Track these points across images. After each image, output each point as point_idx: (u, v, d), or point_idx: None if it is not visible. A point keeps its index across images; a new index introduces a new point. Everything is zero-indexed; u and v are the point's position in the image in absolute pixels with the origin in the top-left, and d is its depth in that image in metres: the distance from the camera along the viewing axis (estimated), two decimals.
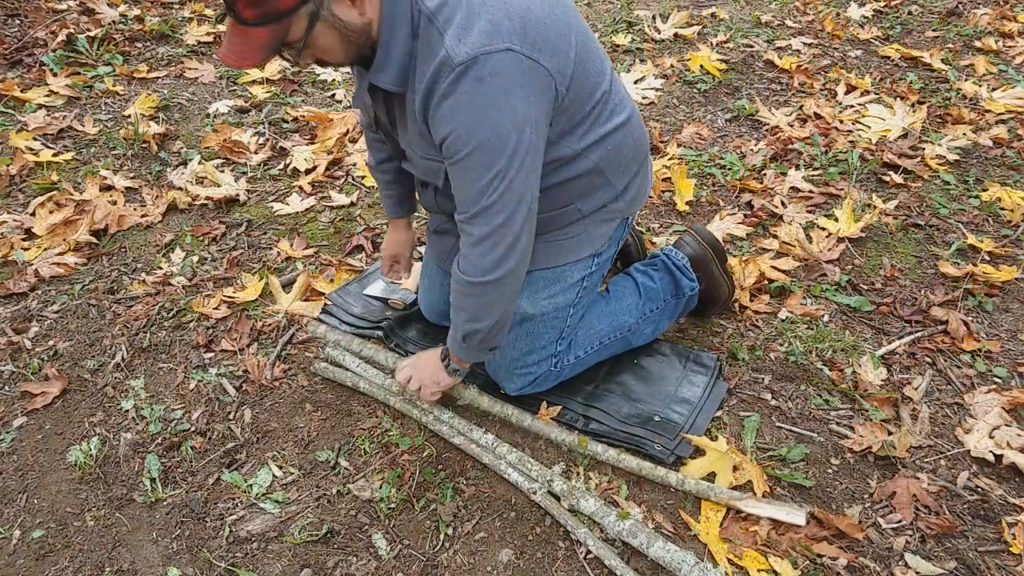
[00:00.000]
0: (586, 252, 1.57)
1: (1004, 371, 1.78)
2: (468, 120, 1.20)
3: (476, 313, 1.40)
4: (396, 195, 1.77)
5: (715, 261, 1.82)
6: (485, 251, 1.32)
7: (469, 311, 1.41)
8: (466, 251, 1.35)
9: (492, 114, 1.19)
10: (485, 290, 1.36)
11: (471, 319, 1.41)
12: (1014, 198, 2.35)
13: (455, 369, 1.55)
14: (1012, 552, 1.39)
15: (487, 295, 1.37)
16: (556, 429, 1.61)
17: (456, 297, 1.42)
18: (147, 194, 2.48)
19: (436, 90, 1.20)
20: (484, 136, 1.21)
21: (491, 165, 1.23)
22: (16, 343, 1.93)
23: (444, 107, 1.20)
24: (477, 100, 1.18)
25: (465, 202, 1.30)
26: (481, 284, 1.35)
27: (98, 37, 3.37)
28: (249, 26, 1.12)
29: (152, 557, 1.44)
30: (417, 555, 1.42)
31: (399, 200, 1.78)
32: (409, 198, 1.80)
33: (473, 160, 1.23)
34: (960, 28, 3.61)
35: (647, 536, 1.37)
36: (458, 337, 1.46)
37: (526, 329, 1.59)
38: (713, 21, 3.81)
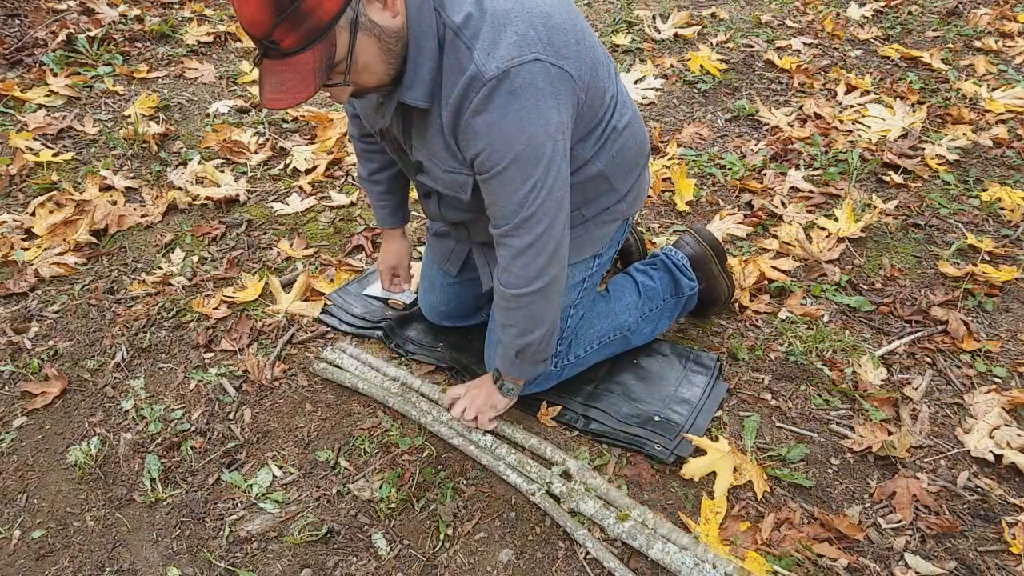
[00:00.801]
0: (587, 254, 1.58)
1: (1004, 371, 1.78)
2: (503, 134, 1.19)
3: (527, 326, 1.40)
4: (390, 205, 1.76)
5: (715, 261, 1.83)
6: (528, 261, 1.31)
7: (519, 325, 1.40)
8: (508, 263, 1.34)
9: (527, 127, 1.18)
10: (532, 300, 1.36)
11: (522, 333, 1.41)
12: (1014, 198, 2.35)
13: (510, 389, 1.55)
14: (1012, 552, 1.39)
15: (534, 305, 1.37)
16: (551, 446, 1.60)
17: (502, 314, 1.41)
18: (147, 194, 2.48)
19: (466, 106, 1.18)
20: (520, 149, 1.20)
21: (528, 176, 1.23)
22: (16, 343, 1.93)
23: (477, 123, 1.19)
24: (511, 114, 1.17)
25: (503, 215, 1.29)
26: (527, 295, 1.35)
27: (98, 37, 3.37)
28: (292, 55, 1.05)
29: (152, 557, 1.44)
30: (417, 555, 1.42)
31: (393, 210, 1.77)
32: (403, 207, 1.79)
33: (510, 173, 1.23)
34: (960, 28, 3.61)
35: (647, 537, 1.37)
36: (510, 355, 1.45)
37: None
38: (713, 21, 3.81)
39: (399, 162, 1.49)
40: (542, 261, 1.32)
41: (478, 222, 1.48)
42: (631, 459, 1.57)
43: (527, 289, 1.34)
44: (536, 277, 1.33)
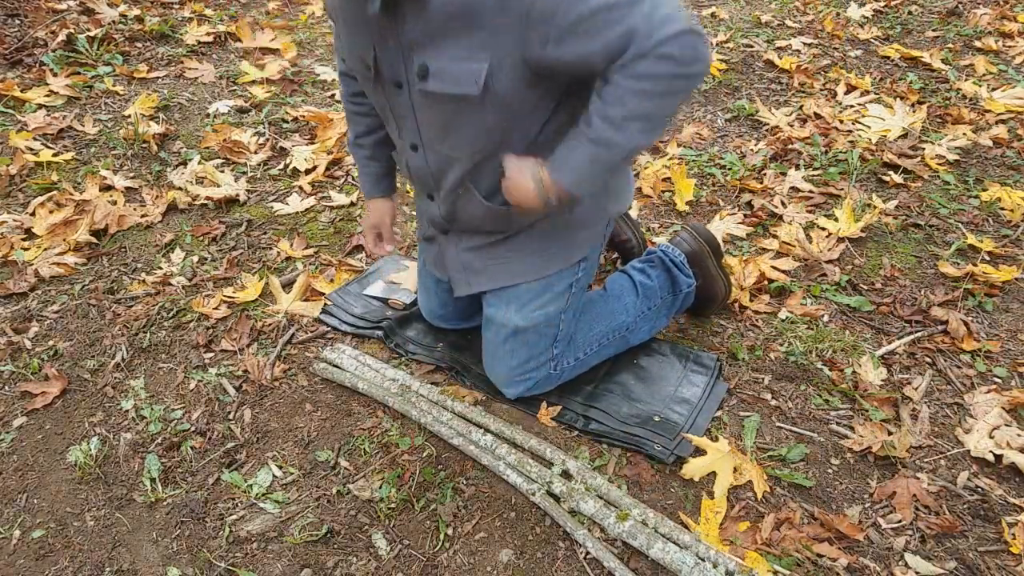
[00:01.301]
0: (575, 258, 1.55)
1: (1004, 371, 1.78)
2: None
3: (657, 121, 1.20)
4: (375, 172, 1.68)
5: (711, 257, 1.82)
6: (683, 39, 1.12)
7: (653, 117, 1.19)
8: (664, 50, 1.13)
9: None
10: (684, 86, 1.17)
11: (648, 129, 1.20)
12: (1014, 198, 2.35)
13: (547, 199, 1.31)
14: (1012, 552, 1.39)
15: (681, 94, 1.19)
16: (550, 446, 1.60)
17: (635, 102, 1.17)
18: (147, 194, 2.48)
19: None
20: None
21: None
22: (16, 343, 1.93)
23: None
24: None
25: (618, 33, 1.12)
26: (685, 77, 1.15)
27: (98, 37, 3.37)
28: None
29: (152, 557, 1.44)
30: (417, 555, 1.42)
31: (378, 177, 1.69)
32: (389, 176, 1.71)
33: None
34: (960, 28, 3.61)
35: (647, 537, 1.37)
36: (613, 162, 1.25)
37: (521, 341, 1.59)
38: (713, 21, 3.81)
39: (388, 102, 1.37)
40: (695, 36, 1.13)
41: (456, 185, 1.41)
42: (631, 459, 1.57)
43: (689, 69, 1.14)
44: (697, 58, 1.14)
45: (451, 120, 1.30)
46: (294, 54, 3.47)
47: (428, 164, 1.43)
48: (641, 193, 2.48)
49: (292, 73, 3.32)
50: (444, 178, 1.43)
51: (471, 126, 1.30)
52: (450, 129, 1.32)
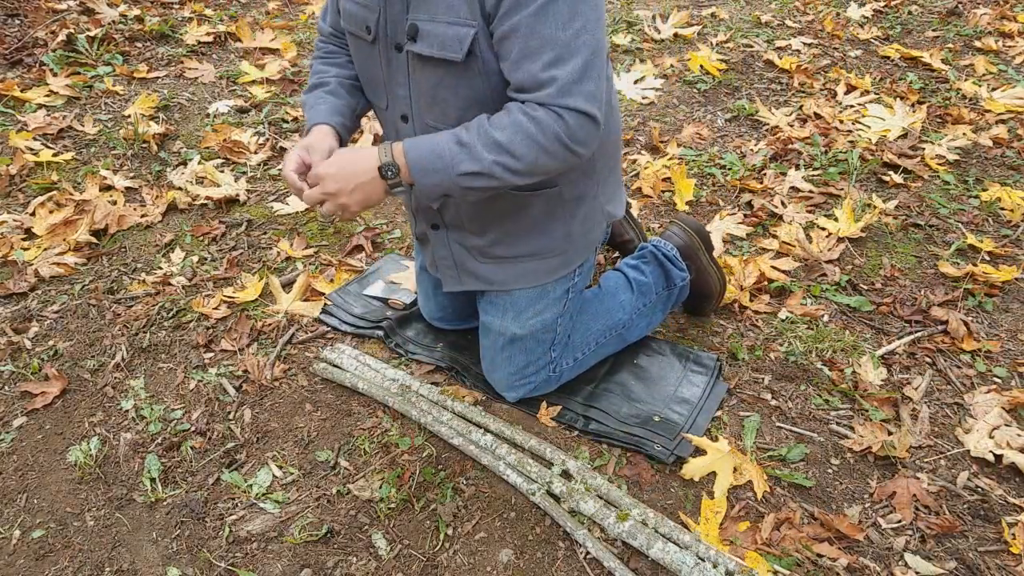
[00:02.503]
0: (572, 265, 1.55)
1: (1004, 371, 1.78)
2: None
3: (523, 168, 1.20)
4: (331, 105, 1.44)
5: (703, 250, 1.81)
6: (581, 120, 1.16)
7: (523, 162, 1.19)
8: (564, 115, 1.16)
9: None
10: (562, 157, 1.20)
11: (512, 170, 1.20)
12: (1014, 198, 2.35)
13: (396, 186, 1.26)
14: (1012, 552, 1.39)
15: (556, 162, 1.21)
16: (551, 447, 1.60)
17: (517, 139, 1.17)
18: (147, 194, 2.48)
19: None
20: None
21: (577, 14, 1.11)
22: (16, 343, 1.93)
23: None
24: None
25: (546, 63, 1.14)
26: (567, 150, 1.19)
27: (98, 37, 3.37)
28: None
29: (152, 557, 1.44)
30: (417, 555, 1.42)
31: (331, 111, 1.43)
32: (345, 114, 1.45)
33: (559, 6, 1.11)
34: (960, 28, 3.61)
35: (647, 537, 1.37)
36: (461, 169, 1.20)
37: (518, 347, 1.59)
38: (713, 21, 3.81)
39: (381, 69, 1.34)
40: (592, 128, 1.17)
41: None
42: (631, 459, 1.57)
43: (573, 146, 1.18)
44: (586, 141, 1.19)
45: (438, 88, 1.28)
46: (294, 54, 3.47)
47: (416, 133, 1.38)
48: (641, 193, 2.48)
49: (292, 73, 3.32)
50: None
51: (456, 96, 1.27)
52: (437, 98, 1.30)
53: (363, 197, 1.26)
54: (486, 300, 1.60)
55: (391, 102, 1.39)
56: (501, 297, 1.56)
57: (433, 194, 1.26)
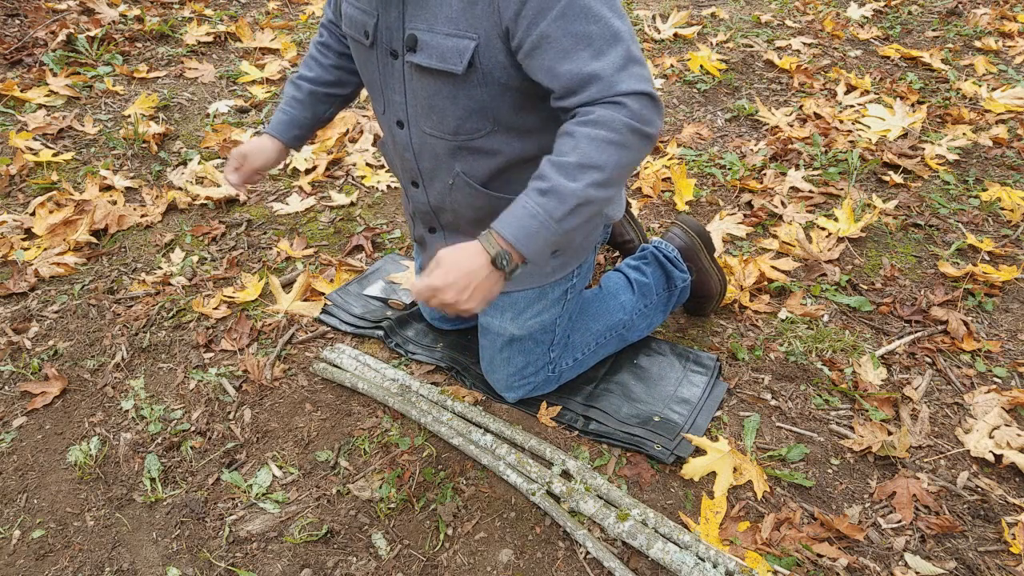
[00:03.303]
0: (571, 266, 1.55)
1: (1004, 371, 1.78)
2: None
3: (613, 174, 1.13)
4: (293, 117, 1.56)
5: (704, 251, 1.81)
6: (643, 100, 1.12)
7: (608, 168, 1.12)
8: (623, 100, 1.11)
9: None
10: (639, 145, 1.13)
11: (603, 182, 1.12)
12: (1014, 198, 2.35)
13: (513, 270, 1.18)
14: (1012, 552, 1.39)
15: (635, 152, 1.13)
16: (551, 446, 1.60)
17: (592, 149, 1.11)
18: (147, 194, 2.48)
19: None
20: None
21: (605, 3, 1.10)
22: (16, 343, 1.93)
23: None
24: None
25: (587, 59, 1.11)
26: (642, 135, 1.12)
27: (98, 37, 3.37)
28: None
29: (152, 557, 1.44)
30: (417, 555, 1.42)
31: (292, 123, 1.56)
32: (304, 129, 1.58)
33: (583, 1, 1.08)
34: (960, 28, 3.61)
35: (647, 537, 1.37)
36: (562, 210, 1.12)
37: (517, 348, 1.59)
38: (713, 21, 3.81)
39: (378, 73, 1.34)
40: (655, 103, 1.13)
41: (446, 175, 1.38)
42: (631, 459, 1.57)
43: (646, 128, 1.12)
44: (654, 119, 1.13)
45: (435, 97, 1.27)
46: (294, 54, 3.46)
47: (412, 143, 1.38)
48: (641, 193, 2.48)
49: (292, 73, 3.32)
50: (426, 160, 1.39)
51: (455, 105, 1.26)
52: (434, 107, 1.29)
53: (484, 294, 1.18)
54: None
55: (387, 107, 1.39)
56: (500, 298, 1.56)
57: (548, 252, 1.19)
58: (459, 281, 1.15)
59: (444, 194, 1.43)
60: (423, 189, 1.46)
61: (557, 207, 1.12)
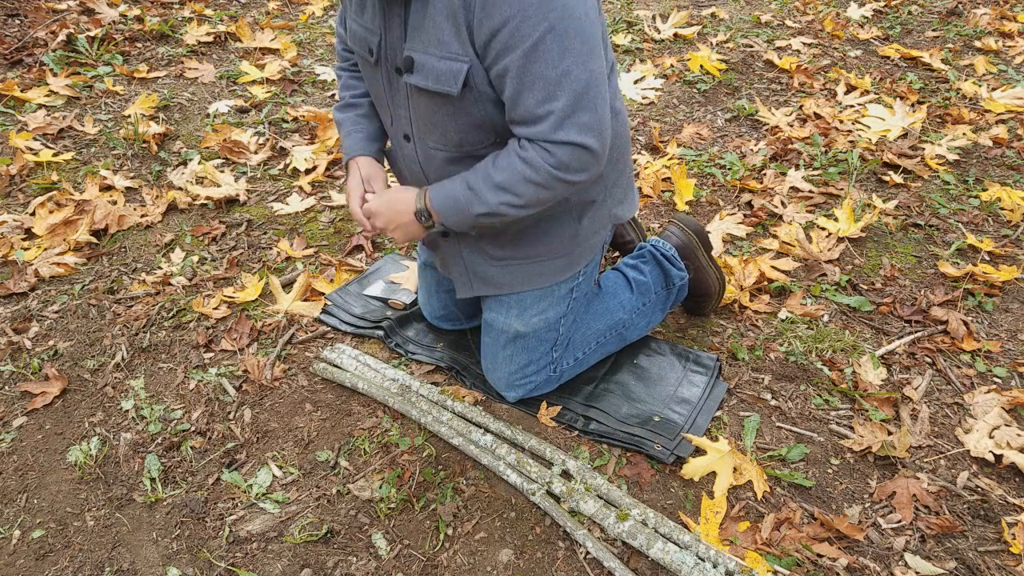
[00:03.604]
0: (579, 265, 1.55)
1: (1004, 371, 1.78)
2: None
3: (529, 202, 1.27)
4: (366, 131, 1.56)
5: (701, 248, 1.82)
6: (576, 152, 1.20)
7: (524, 198, 1.26)
8: (553, 149, 1.20)
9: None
10: (561, 187, 1.25)
11: (516, 206, 1.27)
12: (1014, 198, 2.35)
13: (432, 227, 1.39)
14: (1012, 552, 1.39)
15: (558, 191, 1.25)
16: (551, 447, 1.60)
17: (514, 180, 1.24)
18: (147, 194, 2.48)
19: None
20: (556, 16, 1.09)
21: (567, 49, 1.12)
22: (16, 343, 1.93)
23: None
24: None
25: (540, 100, 1.16)
26: (565, 182, 1.23)
27: (98, 37, 3.37)
28: None
29: (152, 557, 1.44)
30: (417, 555, 1.42)
31: (371, 136, 1.56)
32: (379, 140, 1.58)
33: (547, 44, 1.11)
34: (960, 28, 3.61)
35: (647, 537, 1.37)
36: (474, 210, 1.29)
37: (520, 346, 1.59)
38: (713, 21, 3.81)
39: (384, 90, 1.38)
40: (590, 153, 1.20)
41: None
42: (631, 459, 1.57)
43: (569, 177, 1.22)
44: (582, 168, 1.22)
45: (436, 114, 1.31)
46: (294, 54, 3.47)
47: (418, 156, 1.42)
48: (641, 193, 2.48)
49: (292, 73, 3.32)
50: (433, 170, 1.42)
51: (455, 122, 1.30)
52: (436, 123, 1.33)
53: (405, 234, 1.41)
54: (491, 297, 1.60)
55: (394, 121, 1.42)
56: (506, 295, 1.57)
57: (463, 229, 1.37)
58: (389, 215, 1.39)
59: None
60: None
61: (475, 206, 1.29)
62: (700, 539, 1.37)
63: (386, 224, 1.42)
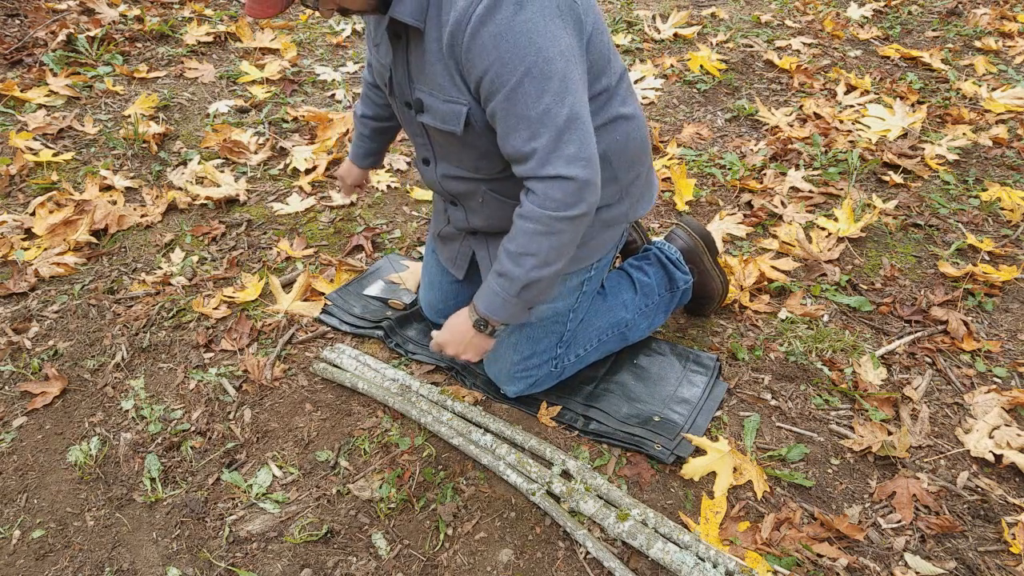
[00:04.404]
0: (594, 258, 1.57)
1: (1004, 371, 1.78)
2: (511, 47, 1.14)
3: (549, 255, 1.31)
4: (366, 148, 1.83)
5: (707, 253, 1.82)
6: (566, 185, 1.23)
7: (542, 254, 1.30)
8: (541, 189, 1.25)
9: (536, 39, 1.14)
10: (566, 227, 1.28)
11: (541, 264, 1.31)
12: (1014, 198, 2.35)
13: (493, 331, 1.46)
14: (1012, 552, 1.39)
15: (566, 232, 1.29)
16: (551, 447, 1.60)
17: (527, 240, 1.29)
18: (147, 194, 2.48)
19: (468, 21, 1.14)
20: (531, 61, 1.15)
21: (544, 91, 1.17)
22: (16, 343, 1.93)
23: (483, 36, 1.14)
24: (518, 26, 1.13)
25: (524, 140, 1.22)
26: (566, 220, 1.26)
27: (98, 37, 3.37)
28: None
29: (152, 557, 1.44)
30: (417, 555, 1.42)
31: (367, 153, 1.84)
32: (377, 155, 1.85)
33: (525, 89, 1.17)
34: (960, 28, 3.61)
35: (647, 537, 1.37)
36: (513, 290, 1.35)
37: (527, 334, 1.59)
38: (713, 21, 3.81)
39: (402, 118, 1.47)
40: (579, 185, 1.24)
41: (476, 195, 1.48)
42: (631, 459, 1.57)
43: (566, 214, 1.26)
44: (576, 202, 1.25)
45: (449, 147, 1.41)
46: (294, 54, 3.47)
47: (438, 178, 1.51)
48: None
49: (292, 73, 3.32)
50: (454, 188, 1.50)
51: (468, 150, 1.39)
52: (450, 152, 1.42)
53: (478, 348, 1.48)
54: None
55: (415, 145, 1.52)
56: None
57: (521, 312, 1.41)
58: (455, 339, 1.47)
59: (477, 209, 1.52)
60: (460, 207, 1.57)
61: (511, 287, 1.34)
62: (700, 539, 1.37)
63: (457, 350, 1.48)
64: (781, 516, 1.44)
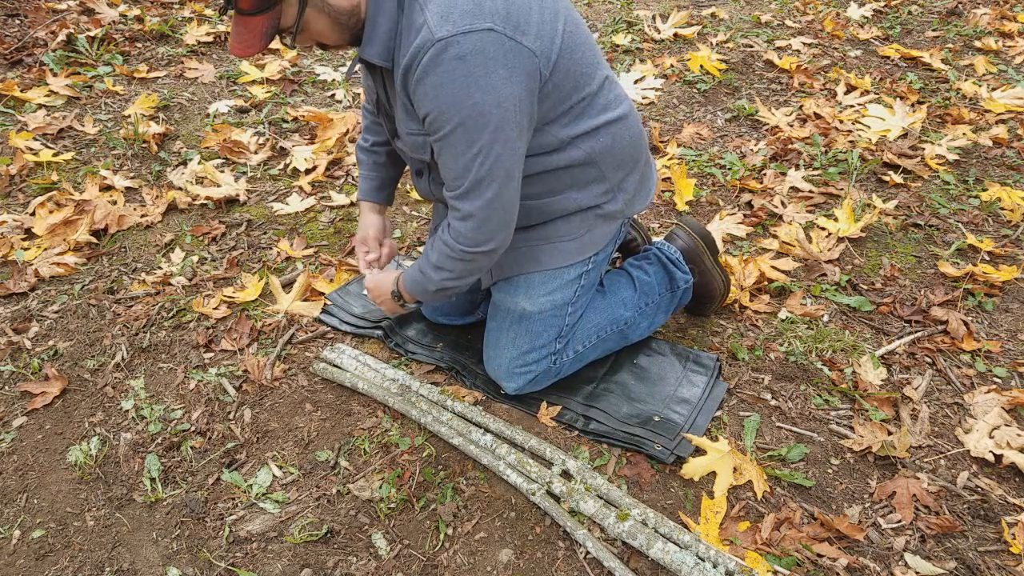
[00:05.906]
0: (591, 251, 1.58)
1: (1004, 371, 1.78)
2: (449, 98, 1.23)
3: (461, 275, 1.46)
4: (378, 179, 1.78)
5: (707, 253, 1.82)
6: (478, 225, 1.36)
7: (455, 272, 1.45)
8: (457, 224, 1.38)
9: (473, 92, 1.22)
10: (477, 258, 1.41)
11: (454, 278, 1.47)
12: (1014, 198, 2.35)
13: (404, 304, 1.66)
14: (1012, 552, 1.39)
15: (478, 262, 1.42)
16: (550, 446, 1.60)
17: (442, 259, 1.44)
18: (147, 194, 2.48)
19: (416, 67, 1.23)
20: (466, 114, 1.23)
21: (474, 142, 1.26)
22: (16, 343, 1.93)
23: (426, 84, 1.23)
24: (458, 79, 1.21)
25: (451, 178, 1.34)
26: (475, 254, 1.40)
27: (98, 37, 3.37)
28: (247, 15, 1.23)
29: (152, 557, 1.44)
30: (417, 555, 1.42)
31: (380, 185, 1.79)
32: (390, 186, 1.80)
33: (456, 137, 1.27)
34: (960, 28, 3.61)
35: (647, 537, 1.37)
36: (429, 288, 1.51)
37: (525, 327, 1.60)
38: (713, 21, 3.81)
39: (392, 139, 1.55)
40: (492, 226, 1.36)
41: None
42: (631, 459, 1.57)
43: (476, 250, 1.39)
44: (486, 240, 1.38)
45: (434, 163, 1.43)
46: (294, 54, 3.47)
47: (432, 191, 1.56)
48: None
49: (292, 73, 3.32)
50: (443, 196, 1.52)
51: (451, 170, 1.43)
52: (435, 168, 1.46)
53: (389, 308, 1.72)
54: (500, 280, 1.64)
55: (408, 160, 1.59)
56: (516, 278, 1.60)
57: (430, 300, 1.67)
58: (376, 292, 1.69)
59: None
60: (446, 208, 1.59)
61: (427, 284, 1.51)
62: (700, 539, 1.37)
63: (375, 299, 1.71)
64: (781, 516, 1.44)
